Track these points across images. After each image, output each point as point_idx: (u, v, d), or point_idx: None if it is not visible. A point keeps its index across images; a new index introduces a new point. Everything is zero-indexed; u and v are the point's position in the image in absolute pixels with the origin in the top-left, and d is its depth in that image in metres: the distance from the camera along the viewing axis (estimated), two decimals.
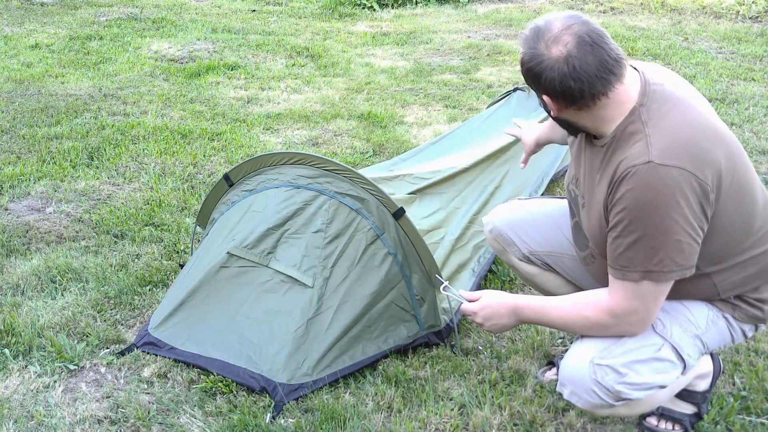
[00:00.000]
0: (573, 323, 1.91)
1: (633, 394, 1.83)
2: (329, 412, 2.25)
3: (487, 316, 2.01)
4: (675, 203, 1.68)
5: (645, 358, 1.83)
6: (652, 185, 1.69)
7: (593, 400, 1.86)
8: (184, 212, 3.66)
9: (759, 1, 8.35)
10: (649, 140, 1.72)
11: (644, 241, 1.72)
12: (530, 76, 1.79)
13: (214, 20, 8.51)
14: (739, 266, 1.87)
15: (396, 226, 2.53)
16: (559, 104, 1.80)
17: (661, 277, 1.75)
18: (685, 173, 1.69)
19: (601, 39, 1.72)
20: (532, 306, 1.97)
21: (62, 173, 4.10)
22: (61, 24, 8.20)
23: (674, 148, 1.71)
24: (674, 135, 1.73)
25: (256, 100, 5.57)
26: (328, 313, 2.42)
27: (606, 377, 1.82)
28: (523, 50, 1.79)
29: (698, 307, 1.93)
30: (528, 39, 1.78)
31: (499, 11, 9.04)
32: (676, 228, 1.70)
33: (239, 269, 2.54)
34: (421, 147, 3.96)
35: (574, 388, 1.89)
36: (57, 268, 3.09)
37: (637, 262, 1.74)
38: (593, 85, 1.73)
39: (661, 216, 1.69)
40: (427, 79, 6.16)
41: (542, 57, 1.74)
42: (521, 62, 1.80)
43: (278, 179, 2.67)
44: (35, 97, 5.54)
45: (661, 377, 1.84)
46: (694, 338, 1.90)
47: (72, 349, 2.57)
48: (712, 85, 5.61)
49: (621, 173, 1.74)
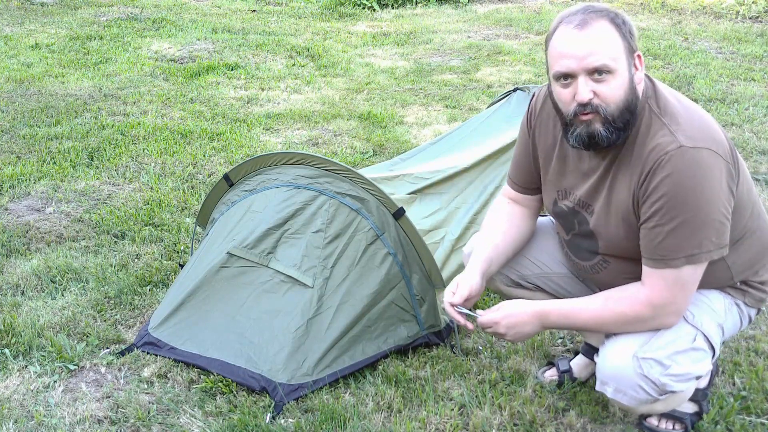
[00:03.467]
0: (608, 321, 1.90)
1: (677, 386, 1.86)
2: (329, 412, 2.25)
3: (510, 325, 1.95)
4: (709, 184, 1.72)
5: (684, 349, 1.86)
6: (688, 169, 1.72)
7: (639, 395, 1.87)
8: (184, 212, 3.66)
9: (759, 1, 8.35)
10: (671, 128, 1.76)
11: (685, 225, 1.74)
12: (629, 30, 1.78)
13: (214, 20, 8.52)
14: (747, 243, 1.92)
15: (396, 226, 2.53)
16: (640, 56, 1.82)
17: (702, 257, 1.77)
18: (713, 153, 1.73)
19: None
20: (560, 309, 1.94)
21: (62, 173, 4.10)
22: (61, 24, 8.20)
23: (695, 131, 1.76)
24: (689, 120, 1.78)
25: (256, 100, 5.57)
26: (328, 313, 2.42)
27: (651, 370, 1.84)
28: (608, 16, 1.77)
29: (715, 296, 1.98)
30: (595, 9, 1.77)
31: (499, 11, 9.04)
32: (713, 208, 1.73)
33: (239, 269, 2.54)
34: (421, 147, 3.96)
35: (618, 386, 1.89)
36: (57, 268, 3.09)
37: (679, 247, 1.76)
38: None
39: (698, 198, 1.72)
40: (427, 79, 6.16)
41: (616, 10, 1.78)
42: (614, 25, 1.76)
43: (278, 179, 2.67)
44: (35, 97, 5.54)
45: (698, 367, 1.88)
46: (718, 326, 1.95)
47: (72, 349, 2.57)
48: (712, 85, 5.60)
49: (653, 162, 1.76)
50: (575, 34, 1.76)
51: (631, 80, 1.79)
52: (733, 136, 4.54)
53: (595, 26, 1.75)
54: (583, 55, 1.75)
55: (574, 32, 1.76)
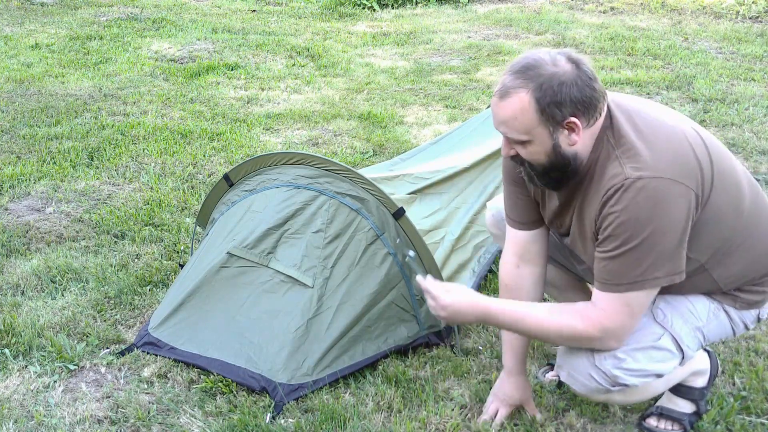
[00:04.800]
0: (554, 332, 1.87)
1: (629, 380, 1.86)
2: (329, 412, 2.25)
3: (453, 314, 1.91)
4: (657, 212, 1.71)
5: (644, 346, 1.87)
6: (633, 199, 1.71)
7: (590, 383, 1.89)
8: (184, 212, 3.66)
9: (759, 1, 8.35)
10: (621, 160, 1.75)
11: (630, 253, 1.74)
12: (556, 102, 1.72)
13: (214, 20, 8.52)
14: (735, 256, 1.89)
15: (396, 226, 2.53)
16: (583, 122, 1.76)
17: (646, 285, 1.77)
18: (667, 181, 1.71)
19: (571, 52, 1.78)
20: (507, 312, 1.90)
21: (62, 173, 4.10)
22: (61, 24, 8.20)
23: (651, 161, 1.73)
24: (645, 148, 1.76)
25: (256, 100, 5.57)
26: (328, 313, 2.42)
27: (604, 362, 1.85)
28: (531, 86, 1.72)
29: (700, 299, 1.96)
30: (526, 76, 1.73)
31: (499, 11, 9.04)
32: (660, 236, 1.72)
33: (239, 269, 2.54)
34: (421, 147, 3.96)
35: (571, 371, 1.93)
36: (57, 268, 3.09)
37: (623, 274, 1.76)
38: (601, 91, 1.77)
39: (644, 227, 1.71)
40: (427, 79, 6.16)
41: (559, 75, 1.71)
42: (533, 99, 1.72)
43: (278, 179, 2.67)
44: (35, 97, 5.54)
45: (658, 366, 1.88)
46: (694, 330, 1.93)
47: (72, 349, 2.57)
48: (712, 85, 5.60)
49: (606, 192, 1.76)
50: (495, 102, 1.79)
51: (554, 147, 1.78)
52: (733, 136, 4.54)
53: (509, 101, 1.75)
54: (497, 124, 1.82)
55: (495, 99, 1.79)
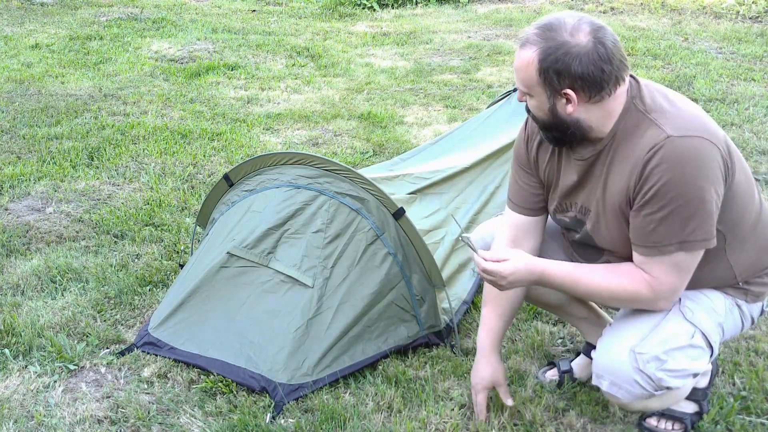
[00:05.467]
0: (606, 291, 1.89)
1: (673, 382, 1.86)
2: (329, 412, 2.25)
3: (513, 281, 1.92)
4: (700, 171, 1.72)
5: (682, 345, 1.87)
6: (677, 157, 1.72)
7: (635, 390, 1.87)
8: (184, 212, 3.66)
9: (759, 1, 8.35)
10: (658, 122, 1.77)
11: (677, 213, 1.74)
12: (556, 69, 1.74)
13: (214, 20, 8.52)
14: (751, 241, 1.92)
15: (396, 226, 2.53)
16: (582, 96, 1.78)
17: (696, 246, 1.78)
18: (704, 141, 1.74)
19: (605, 28, 1.77)
20: (561, 272, 1.92)
21: (62, 173, 4.10)
22: (61, 24, 8.20)
23: (684, 122, 1.76)
24: (678, 113, 1.79)
25: (256, 100, 5.57)
26: (328, 313, 2.42)
27: (648, 365, 1.84)
28: (541, 46, 1.75)
29: (716, 295, 1.98)
30: (542, 35, 1.75)
31: (499, 11, 9.04)
32: (704, 195, 1.73)
33: (239, 269, 2.54)
34: (421, 147, 3.96)
35: (614, 379, 1.89)
36: (57, 268, 3.09)
37: (672, 234, 1.76)
38: (619, 68, 1.77)
39: (690, 185, 1.72)
40: (427, 79, 6.16)
41: (570, 45, 1.72)
42: (537, 60, 1.75)
43: (278, 179, 2.67)
44: (35, 97, 5.54)
45: (696, 364, 1.88)
46: (717, 326, 1.96)
47: (72, 349, 2.57)
48: (712, 85, 5.60)
49: (644, 156, 1.76)
50: (516, 49, 1.84)
51: (551, 109, 1.82)
52: (733, 136, 4.53)
53: (522, 52, 1.80)
54: (514, 69, 1.87)
55: (517, 46, 1.84)
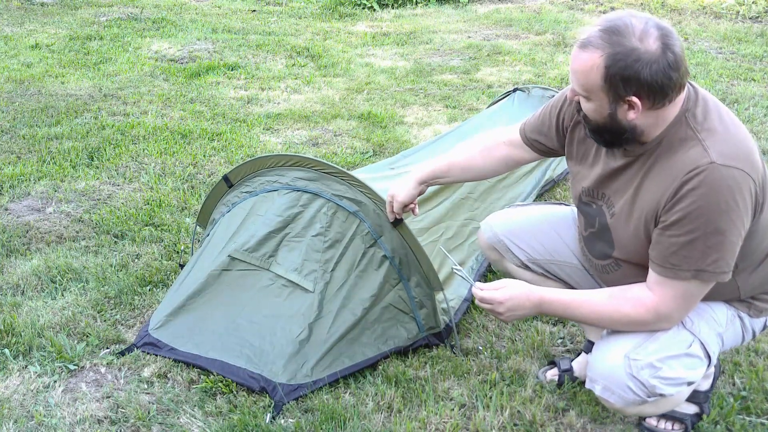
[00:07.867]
0: (607, 318, 1.89)
1: (666, 390, 1.85)
2: (329, 412, 2.25)
3: (511, 308, 1.95)
4: (734, 204, 1.70)
5: (677, 354, 1.86)
6: (715, 185, 1.69)
7: (627, 395, 1.86)
8: (184, 212, 3.66)
9: (759, 1, 8.35)
10: (705, 144, 1.73)
11: (702, 240, 1.72)
12: (624, 76, 1.68)
13: (214, 20, 8.52)
14: (762, 266, 1.91)
15: (393, 229, 2.53)
16: (645, 103, 1.72)
17: (712, 277, 1.76)
18: (744, 174, 1.70)
19: (673, 33, 1.70)
20: (561, 300, 1.94)
21: (62, 173, 4.10)
22: (61, 24, 8.20)
23: (730, 150, 1.72)
24: (726, 138, 1.74)
25: (256, 100, 5.57)
26: (329, 317, 2.41)
27: (642, 371, 1.84)
28: (608, 51, 1.68)
29: (719, 306, 1.98)
30: (608, 39, 1.68)
31: (499, 11, 9.04)
32: (732, 229, 1.71)
33: (241, 272, 2.53)
34: (421, 145, 3.96)
35: (607, 384, 1.89)
36: (57, 268, 3.09)
37: (691, 261, 1.74)
38: (683, 76, 1.71)
39: (720, 216, 1.70)
40: (427, 79, 6.16)
41: (639, 52, 1.66)
42: (603, 65, 1.68)
43: (277, 181, 2.67)
44: (35, 97, 5.54)
45: (691, 373, 1.88)
46: (717, 336, 1.95)
47: (72, 349, 2.57)
48: (712, 85, 5.61)
49: (683, 176, 1.73)
50: (575, 49, 1.77)
51: (611, 115, 1.76)
52: None
53: (584, 55, 1.72)
54: (571, 70, 1.80)
55: (576, 47, 1.76)
